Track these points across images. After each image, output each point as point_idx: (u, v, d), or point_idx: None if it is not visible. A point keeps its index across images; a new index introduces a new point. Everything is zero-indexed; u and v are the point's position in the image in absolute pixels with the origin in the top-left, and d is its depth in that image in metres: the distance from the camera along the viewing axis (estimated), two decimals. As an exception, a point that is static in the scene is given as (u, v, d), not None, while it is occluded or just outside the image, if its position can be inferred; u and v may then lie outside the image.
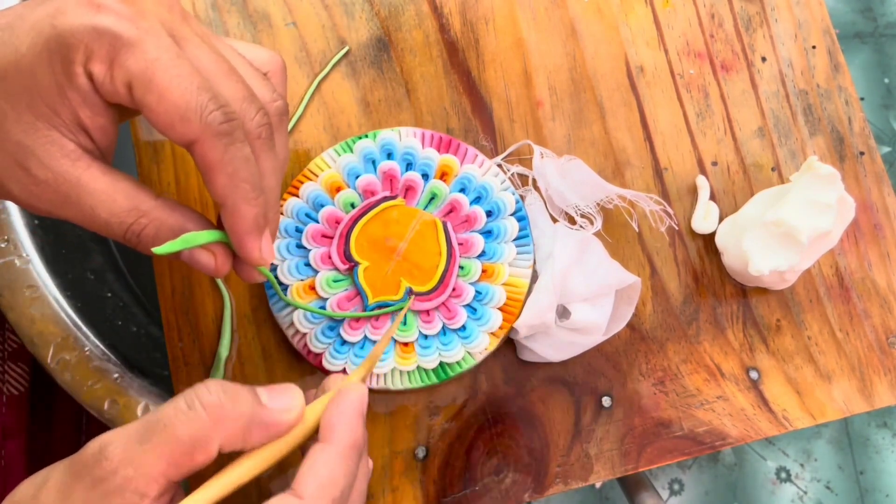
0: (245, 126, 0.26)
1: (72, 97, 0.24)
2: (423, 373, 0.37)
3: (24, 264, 0.49)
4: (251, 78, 0.28)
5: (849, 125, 0.45)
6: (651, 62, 0.44)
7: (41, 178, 0.25)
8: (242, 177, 0.25)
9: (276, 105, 0.28)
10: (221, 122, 0.24)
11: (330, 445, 0.26)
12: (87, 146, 0.26)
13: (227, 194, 0.25)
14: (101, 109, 0.25)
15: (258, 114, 0.26)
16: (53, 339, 0.48)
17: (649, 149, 0.43)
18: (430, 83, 0.43)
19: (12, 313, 0.48)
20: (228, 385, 0.25)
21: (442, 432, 0.38)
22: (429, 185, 0.39)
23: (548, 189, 0.40)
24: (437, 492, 0.37)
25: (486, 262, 0.38)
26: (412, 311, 0.37)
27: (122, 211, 0.26)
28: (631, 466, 0.38)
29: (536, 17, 0.44)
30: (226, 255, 0.28)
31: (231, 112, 0.25)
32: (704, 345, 0.40)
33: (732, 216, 0.41)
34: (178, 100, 0.24)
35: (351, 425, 0.26)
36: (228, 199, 0.26)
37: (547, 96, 0.43)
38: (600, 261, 0.38)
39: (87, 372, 0.48)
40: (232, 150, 0.25)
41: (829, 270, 0.43)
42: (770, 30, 0.46)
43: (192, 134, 0.24)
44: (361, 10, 0.43)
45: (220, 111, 0.24)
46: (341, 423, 0.26)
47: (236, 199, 0.26)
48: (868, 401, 0.41)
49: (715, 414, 0.39)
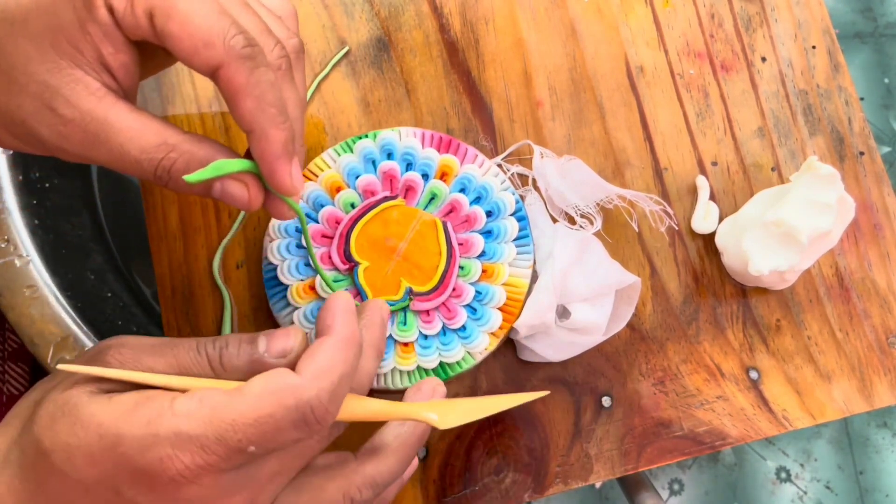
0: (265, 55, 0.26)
1: (93, 32, 0.24)
2: (423, 373, 0.37)
3: (24, 264, 0.49)
4: (266, 16, 0.28)
5: (849, 125, 0.45)
6: (651, 62, 0.44)
7: (69, 117, 0.25)
8: (269, 101, 0.25)
9: (293, 42, 0.28)
10: (244, 46, 0.24)
11: (327, 337, 0.25)
12: (110, 85, 0.26)
13: (255, 118, 0.25)
14: (122, 46, 0.25)
15: (277, 46, 0.26)
16: (53, 339, 0.48)
17: (649, 149, 0.43)
18: (430, 83, 0.43)
19: (12, 313, 0.48)
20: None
21: (442, 432, 0.38)
22: (429, 186, 0.39)
23: (548, 189, 0.40)
24: (437, 492, 0.37)
25: (486, 262, 0.38)
26: (412, 311, 0.37)
27: (152, 146, 0.26)
28: (631, 466, 0.38)
29: (536, 17, 0.44)
30: (258, 187, 0.28)
31: (252, 38, 0.25)
32: (704, 345, 0.40)
33: (732, 216, 0.41)
34: (202, 24, 0.24)
35: (344, 320, 0.26)
36: (256, 123, 0.25)
37: (547, 96, 0.43)
38: (600, 261, 0.38)
39: (87, 372, 0.48)
40: (257, 74, 0.25)
41: (829, 270, 0.43)
42: (770, 30, 0.46)
43: (216, 58, 0.24)
44: (361, 10, 0.43)
45: (242, 35, 0.24)
46: (334, 319, 0.26)
47: (264, 123, 0.25)
48: (868, 401, 0.41)
49: (715, 414, 0.39)
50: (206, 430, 0.22)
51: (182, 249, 0.39)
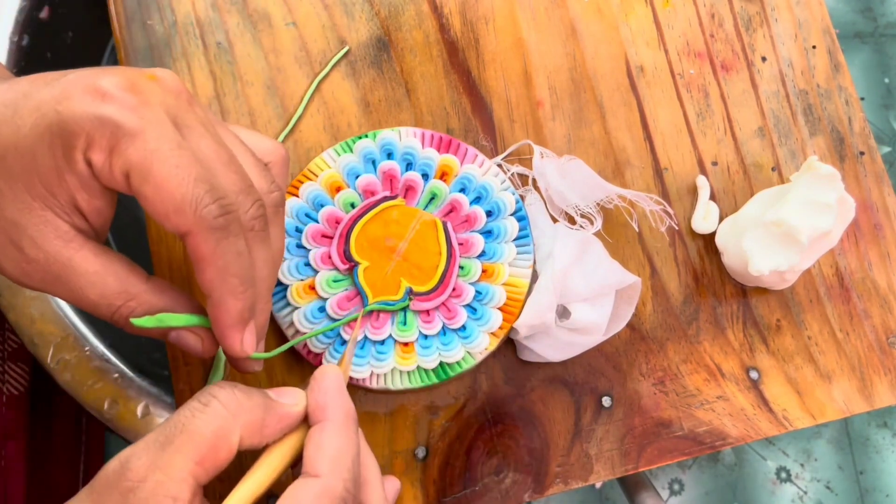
0: (240, 218, 0.26)
1: (70, 181, 0.25)
2: (423, 373, 0.37)
3: (24, 264, 0.49)
4: (250, 167, 0.28)
5: (849, 125, 0.45)
6: (651, 62, 0.44)
7: (32, 256, 0.25)
8: (232, 271, 0.26)
9: (273, 196, 0.28)
10: (217, 216, 0.25)
11: (327, 422, 0.26)
12: (81, 227, 0.26)
13: (215, 287, 0.26)
14: (97, 193, 0.25)
15: (254, 206, 0.26)
16: (53, 339, 0.48)
17: (649, 149, 0.43)
18: (430, 83, 0.43)
19: (12, 313, 0.48)
20: (238, 384, 0.26)
21: (442, 432, 0.38)
22: (429, 185, 0.39)
23: (548, 189, 0.40)
24: (437, 492, 0.37)
25: (486, 262, 0.38)
26: (412, 311, 0.37)
27: (112, 293, 0.26)
28: (631, 466, 0.38)
29: (536, 17, 0.44)
30: (211, 340, 0.29)
31: (228, 204, 0.25)
32: (704, 345, 0.40)
33: (732, 216, 0.41)
34: (174, 192, 0.24)
35: (339, 400, 0.27)
36: (215, 291, 0.26)
37: (547, 96, 0.43)
38: (600, 261, 0.38)
39: (87, 372, 0.48)
40: (224, 245, 0.25)
41: (829, 270, 0.43)
42: (770, 30, 0.46)
43: (185, 226, 0.24)
44: (361, 10, 0.43)
45: (215, 204, 0.25)
46: (329, 399, 0.27)
47: (223, 292, 0.26)
48: (868, 401, 0.41)
49: (715, 414, 0.39)
50: None
51: (182, 250, 0.39)
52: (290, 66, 0.42)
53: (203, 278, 0.26)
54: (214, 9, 0.42)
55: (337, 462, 0.25)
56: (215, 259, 0.25)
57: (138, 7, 0.42)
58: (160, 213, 0.24)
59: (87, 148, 0.24)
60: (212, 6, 0.42)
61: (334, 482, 0.25)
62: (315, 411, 0.27)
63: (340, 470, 0.25)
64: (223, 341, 0.27)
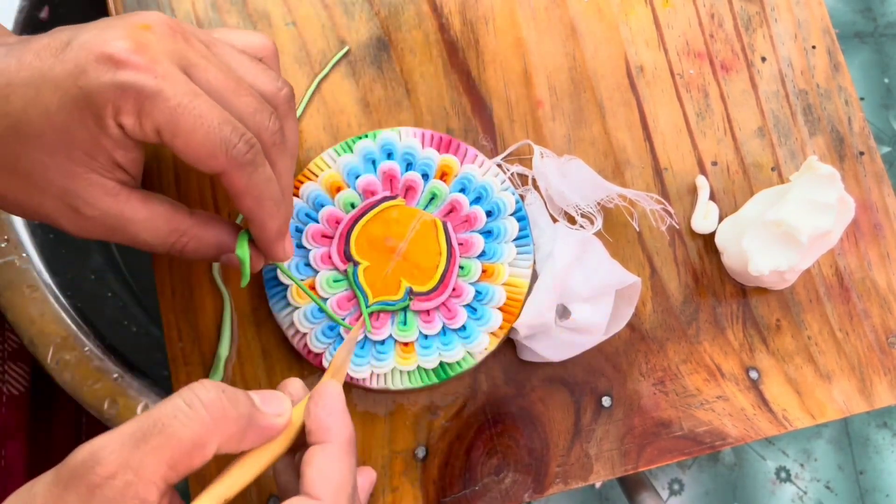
0: (261, 137, 0.29)
1: (106, 144, 0.27)
2: (423, 373, 0.37)
3: (24, 264, 0.49)
4: (254, 74, 0.30)
5: (849, 125, 0.45)
6: (651, 62, 0.44)
7: (89, 215, 0.28)
8: (266, 196, 0.29)
9: (283, 93, 0.31)
10: (245, 153, 0.27)
11: (330, 445, 0.26)
12: (123, 179, 0.28)
13: (255, 213, 0.29)
14: (132, 147, 0.28)
15: (271, 121, 0.29)
16: (53, 339, 0.48)
17: (649, 149, 0.43)
18: (430, 83, 0.43)
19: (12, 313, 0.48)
20: (226, 387, 0.25)
21: (442, 432, 0.38)
22: (429, 185, 0.39)
23: (548, 189, 0.40)
24: (437, 492, 0.37)
25: (486, 262, 0.38)
26: (412, 311, 0.37)
27: (164, 233, 0.30)
28: (631, 466, 0.38)
29: (536, 16, 0.44)
30: (258, 255, 0.32)
31: (250, 138, 0.28)
32: (704, 345, 0.40)
33: (732, 216, 0.41)
34: (204, 140, 0.26)
35: (343, 422, 0.27)
36: (256, 216, 0.30)
37: (547, 96, 0.43)
38: (600, 261, 0.38)
39: (87, 372, 0.48)
40: (255, 176, 0.28)
41: (829, 270, 0.43)
42: (770, 30, 0.46)
43: (220, 167, 0.27)
44: (361, 10, 0.43)
45: (242, 142, 0.27)
46: (334, 421, 0.27)
47: (263, 216, 0.30)
48: (868, 401, 0.41)
49: (715, 414, 0.39)
50: None
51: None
52: (290, 66, 0.42)
53: (243, 207, 0.29)
54: (214, 9, 0.42)
55: (339, 490, 0.25)
56: (251, 190, 0.28)
57: (138, 7, 0.42)
58: (194, 159, 0.27)
59: (115, 114, 0.26)
60: (211, 6, 0.42)
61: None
62: (317, 431, 0.27)
63: (341, 498, 0.25)
64: (268, 253, 0.32)
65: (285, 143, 0.30)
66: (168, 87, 0.26)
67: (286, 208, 0.31)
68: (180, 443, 0.23)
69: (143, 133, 0.26)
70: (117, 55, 0.25)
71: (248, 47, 0.32)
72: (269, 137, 0.29)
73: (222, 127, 0.27)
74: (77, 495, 0.22)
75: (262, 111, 0.29)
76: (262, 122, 0.29)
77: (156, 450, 0.23)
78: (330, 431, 0.26)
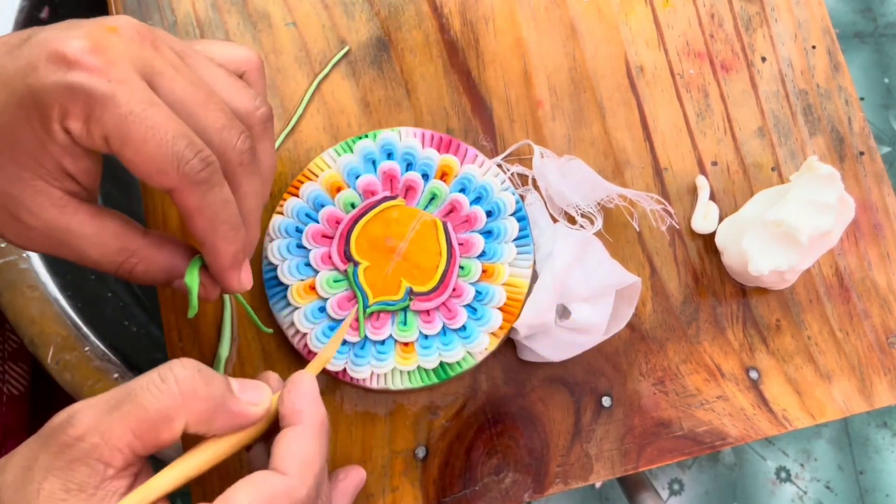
0: (226, 156, 0.26)
1: (53, 150, 0.25)
2: (424, 373, 0.37)
3: (24, 264, 0.49)
4: (229, 90, 0.28)
5: (849, 125, 0.45)
6: (651, 62, 0.44)
7: (32, 225, 0.26)
8: (221, 219, 0.27)
9: (260, 113, 0.29)
10: (199, 171, 0.25)
11: (301, 426, 0.26)
12: (73, 190, 0.26)
13: (207, 236, 0.27)
14: (83, 155, 0.26)
15: (240, 139, 0.27)
16: (53, 339, 0.48)
17: (649, 149, 0.43)
18: (430, 83, 0.43)
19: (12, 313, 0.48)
20: (204, 367, 0.26)
21: (442, 432, 0.38)
22: (429, 185, 0.39)
23: (548, 189, 0.40)
24: (437, 492, 0.37)
25: (487, 262, 0.38)
26: (413, 311, 0.37)
27: (112, 251, 0.27)
28: (631, 466, 0.38)
29: (536, 17, 0.44)
30: (212, 283, 0.30)
31: (207, 156, 0.25)
32: (704, 345, 0.40)
33: (732, 216, 0.41)
34: (154, 153, 0.24)
35: (315, 406, 0.27)
36: (208, 240, 0.27)
37: (547, 96, 0.43)
38: (600, 261, 0.38)
39: (87, 372, 0.48)
40: (209, 196, 0.26)
41: (829, 270, 0.43)
42: (770, 30, 0.46)
43: (169, 184, 0.25)
44: (361, 10, 0.43)
45: (197, 159, 0.25)
46: (306, 405, 0.27)
47: (216, 240, 0.27)
48: (868, 401, 0.41)
49: (715, 414, 0.39)
50: None
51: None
52: (290, 66, 0.42)
53: (195, 229, 0.27)
54: (214, 9, 0.42)
55: (306, 467, 0.25)
56: (203, 211, 0.26)
57: (138, 7, 0.42)
58: (143, 173, 0.25)
59: (62, 118, 0.24)
60: (212, 6, 0.42)
61: (299, 485, 0.25)
62: (290, 415, 0.27)
63: (307, 476, 0.25)
64: (222, 282, 0.29)
65: (256, 165, 0.28)
66: (121, 92, 0.24)
67: (248, 235, 0.28)
68: (147, 413, 0.24)
69: (91, 140, 0.24)
70: (71, 54, 0.24)
71: (230, 61, 0.30)
72: (237, 156, 0.27)
73: (176, 140, 0.24)
74: (48, 453, 0.23)
75: (231, 128, 0.27)
76: (229, 140, 0.26)
77: (124, 417, 0.23)
78: (302, 414, 0.27)
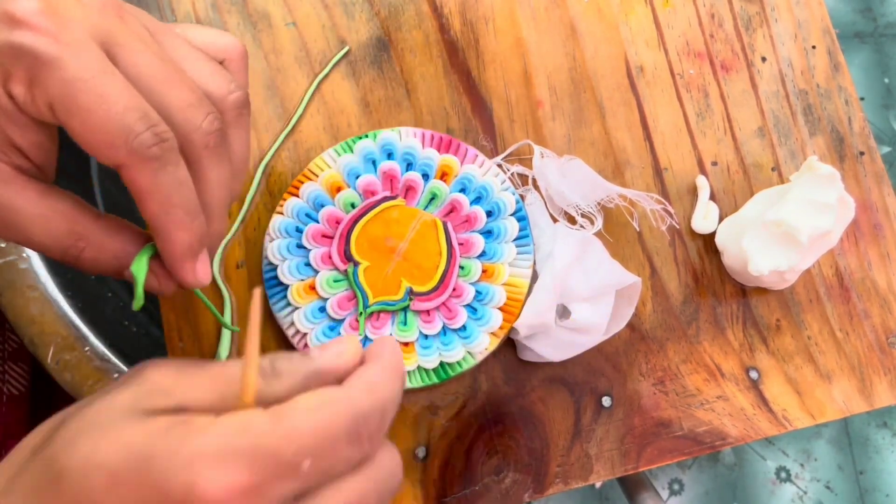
0: (189, 137, 0.25)
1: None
2: (424, 373, 0.37)
3: (24, 264, 0.49)
4: (202, 71, 0.26)
5: (849, 125, 0.45)
6: (651, 62, 0.44)
7: None
8: (174, 202, 0.24)
9: (233, 98, 0.27)
10: (150, 146, 0.23)
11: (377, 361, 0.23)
12: (21, 165, 0.25)
13: (159, 221, 0.25)
14: (30, 127, 0.24)
15: (207, 119, 0.25)
16: (53, 339, 0.48)
17: (649, 149, 0.43)
18: (430, 83, 0.43)
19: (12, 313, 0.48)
20: None
21: (442, 432, 0.38)
22: (429, 185, 0.39)
23: (548, 189, 0.40)
24: (437, 492, 0.37)
25: (487, 262, 0.38)
26: (413, 311, 0.37)
27: (60, 234, 0.25)
28: (631, 466, 0.38)
29: (536, 17, 0.44)
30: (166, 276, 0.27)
31: (162, 132, 0.23)
32: (704, 345, 0.40)
33: (732, 216, 0.41)
34: (102, 123, 0.22)
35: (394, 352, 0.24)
36: (160, 225, 0.25)
37: (547, 96, 0.43)
38: (600, 261, 0.38)
39: (87, 372, 0.48)
40: (162, 175, 0.24)
41: (829, 270, 0.43)
42: (770, 30, 0.46)
43: (117, 159, 0.23)
44: (361, 10, 0.43)
45: (148, 132, 0.23)
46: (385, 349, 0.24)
47: (168, 225, 0.25)
48: (868, 401, 0.41)
49: (715, 414, 0.39)
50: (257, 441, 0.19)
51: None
52: (290, 66, 0.42)
53: (146, 212, 0.24)
54: (214, 9, 0.42)
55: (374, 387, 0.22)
56: (155, 191, 0.24)
57: (137, 5, 0.42)
58: (91, 146, 0.23)
59: (4, 81, 0.23)
60: (212, 6, 0.42)
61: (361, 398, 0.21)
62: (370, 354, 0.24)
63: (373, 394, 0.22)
64: (175, 274, 0.26)
65: (224, 150, 0.26)
66: (69, 56, 0.22)
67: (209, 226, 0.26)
68: None
69: (35, 107, 0.23)
70: (20, 14, 0.22)
71: (210, 46, 0.28)
72: (202, 138, 0.25)
73: (127, 112, 0.22)
74: None
75: (198, 107, 0.25)
76: (194, 120, 0.24)
77: None
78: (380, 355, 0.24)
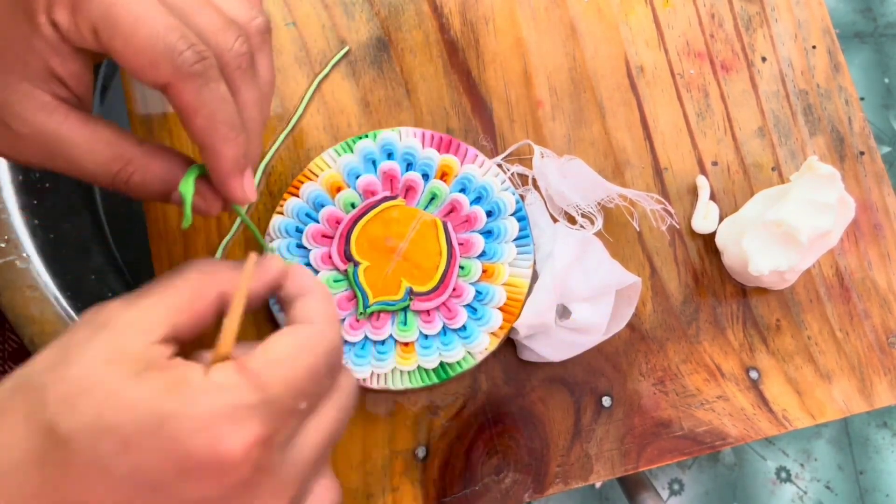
0: (223, 58, 0.25)
1: (39, 46, 0.24)
2: (424, 373, 0.37)
3: (24, 264, 0.49)
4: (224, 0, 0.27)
5: (849, 125, 0.45)
6: (651, 62, 0.44)
7: (22, 132, 0.25)
8: (220, 118, 0.25)
9: (256, 23, 0.27)
10: (193, 63, 0.24)
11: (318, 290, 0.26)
12: (63, 95, 0.25)
13: (206, 137, 0.25)
14: (71, 56, 0.24)
15: (237, 42, 0.25)
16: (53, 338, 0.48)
17: (649, 149, 0.43)
18: (430, 83, 0.43)
19: (12, 313, 0.48)
20: None
21: (442, 432, 0.38)
22: (429, 185, 0.39)
23: (548, 189, 0.40)
24: (437, 492, 0.37)
25: (487, 262, 0.38)
26: (413, 311, 0.37)
27: (106, 159, 0.26)
28: (631, 466, 0.38)
29: (536, 16, 0.44)
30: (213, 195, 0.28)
31: (203, 50, 0.24)
32: (704, 345, 0.40)
33: (732, 216, 0.41)
34: (145, 43, 0.23)
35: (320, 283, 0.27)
36: (207, 141, 0.25)
37: (547, 96, 0.43)
38: (601, 261, 0.38)
39: (88, 372, 0.48)
40: (206, 92, 0.24)
41: (829, 270, 0.43)
42: (770, 30, 0.46)
43: (163, 78, 0.24)
44: (361, 10, 0.43)
45: (190, 51, 0.23)
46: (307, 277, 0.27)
47: (215, 141, 0.25)
48: (868, 401, 0.41)
49: (715, 414, 0.39)
50: (262, 395, 0.21)
51: (182, 249, 0.39)
52: (290, 66, 0.42)
53: (192, 129, 0.25)
54: (214, 9, 0.42)
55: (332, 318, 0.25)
56: (201, 107, 0.24)
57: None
58: (135, 67, 0.23)
59: (48, 8, 0.23)
60: (212, 6, 0.42)
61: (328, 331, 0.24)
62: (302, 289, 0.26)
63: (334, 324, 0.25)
64: (224, 189, 0.27)
65: (254, 72, 0.27)
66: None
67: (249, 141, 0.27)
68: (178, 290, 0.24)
69: (79, 33, 0.23)
70: None
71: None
72: (233, 59, 0.25)
73: (168, 32, 0.23)
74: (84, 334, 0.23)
75: (227, 31, 0.25)
76: (225, 42, 0.25)
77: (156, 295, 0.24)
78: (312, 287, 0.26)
